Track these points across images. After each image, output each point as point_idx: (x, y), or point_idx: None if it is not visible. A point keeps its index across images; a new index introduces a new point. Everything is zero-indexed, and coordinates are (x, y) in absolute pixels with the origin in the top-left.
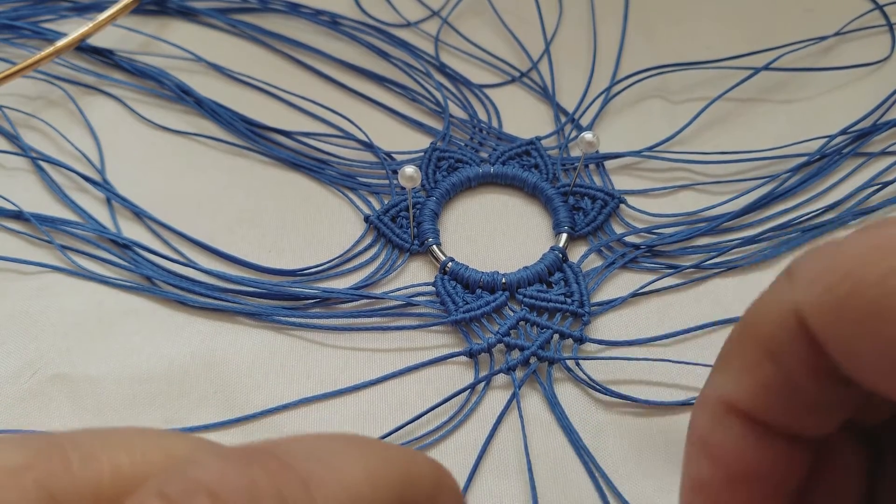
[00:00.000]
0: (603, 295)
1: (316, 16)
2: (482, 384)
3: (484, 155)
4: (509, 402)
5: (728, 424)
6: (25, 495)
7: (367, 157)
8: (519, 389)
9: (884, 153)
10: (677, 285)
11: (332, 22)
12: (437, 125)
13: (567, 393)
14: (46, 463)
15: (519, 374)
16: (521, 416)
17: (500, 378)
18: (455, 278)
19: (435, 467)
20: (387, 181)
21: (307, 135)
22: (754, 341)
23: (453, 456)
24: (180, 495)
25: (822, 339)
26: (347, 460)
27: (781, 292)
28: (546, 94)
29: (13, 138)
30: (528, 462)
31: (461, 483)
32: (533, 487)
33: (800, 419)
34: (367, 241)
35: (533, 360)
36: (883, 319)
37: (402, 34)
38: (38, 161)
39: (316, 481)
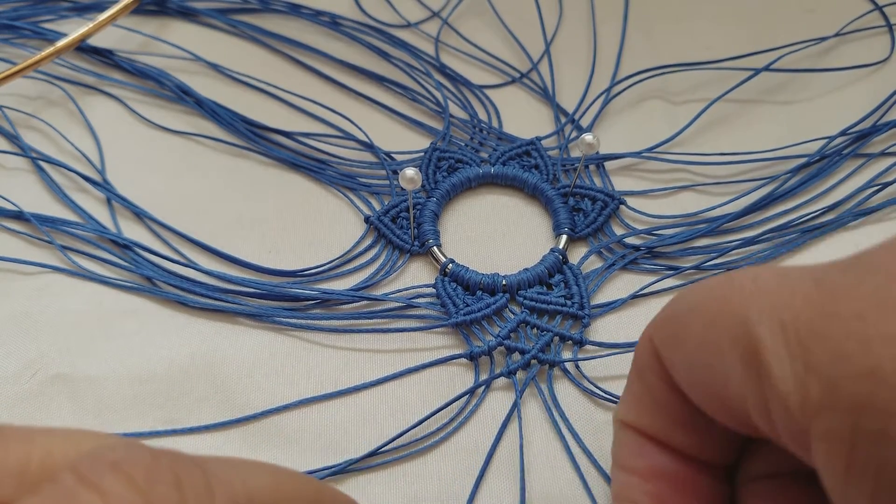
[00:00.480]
0: (603, 296)
1: (316, 16)
2: (482, 387)
3: (484, 155)
4: (512, 409)
5: (623, 438)
6: None
7: (368, 157)
8: (521, 396)
9: (884, 154)
10: (678, 286)
11: (333, 22)
12: (437, 125)
13: (567, 395)
14: None
15: (520, 376)
16: (519, 421)
17: (501, 380)
18: (455, 280)
19: (345, 500)
20: (387, 182)
21: (307, 135)
22: (633, 365)
23: (454, 458)
24: (89, 468)
25: (660, 353)
26: (258, 472)
27: (647, 326)
28: (546, 95)
29: (13, 138)
30: (522, 466)
31: (465, 486)
32: (522, 490)
33: (671, 435)
34: (368, 241)
35: (533, 362)
36: (682, 339)
37: (403, 35)
38: (38, 161)
39: (220, 477)
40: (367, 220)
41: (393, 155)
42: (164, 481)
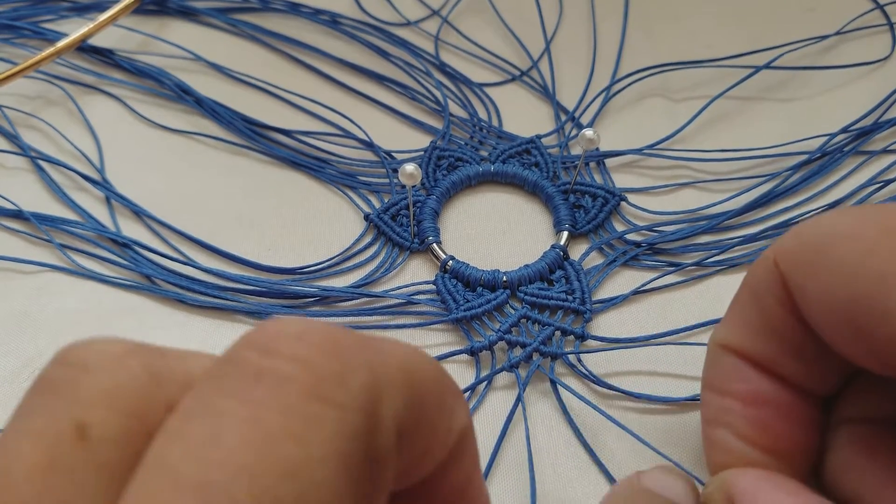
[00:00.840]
0: (604, 293)
1: (316, 15)
2: (484, 383)
3: (484, 153)
4: (515, 404)
5: (723, 361)
6: (134, 376)
7: (368, 155)
8: (524, 389)
9: (885, 151)
10: (678, 283)
11: (333, 21)
12: (437, 124)
13: (566, 394)
14: (147, 353)
15: (521, 371)
16: (524, 415)
17: (502, 375)
18: (456, 276)
19: (439, 370)
20: (387, 180)
21: (307, 134)
22: (745, 287)
23: None
24: (272, 341)
25: (787, 278)
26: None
27: (768, 250)
28: (546, 93)
29: (13, 138)
30: (531, 460)
31: None
32: (533, 485)
33: (780, 361)
34: (367, 239)
35: (535, 356)
36: (824, 267)
37: (403, 33)
38: (37, 160)
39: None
40: (366, 217)
41: (393, 153)
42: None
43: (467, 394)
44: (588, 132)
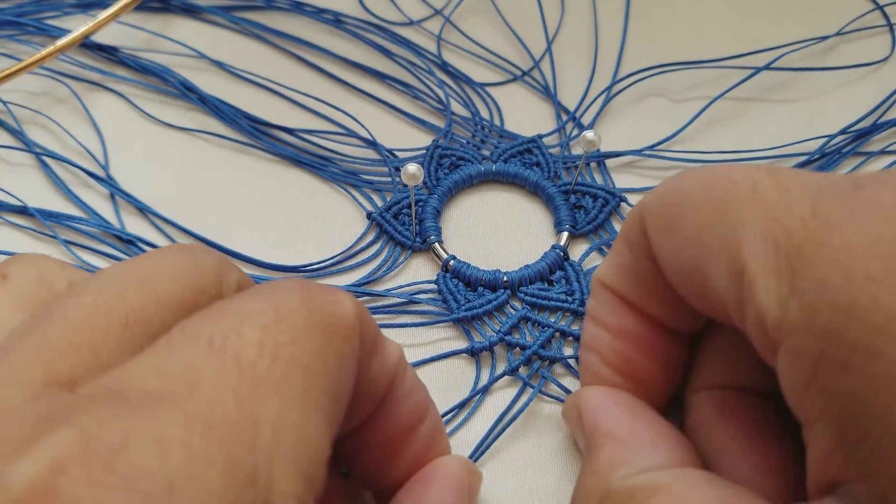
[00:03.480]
0: None
1: (319, 14)
2: (484, 383)
3: (486, 153)
4: (524, 405)
5: (600, 295)
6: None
7: (370, 154)
8: (522, 391)
9: (883, 152)
10: None
11: (336, 20)
12: (439, 123)
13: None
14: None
15: (521, 372)
16: (516, 413)
17: (498, 376)
18: (457, 276)
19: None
20: (389, 178)
21: (310, 132)
22: (620, 235)
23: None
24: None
25: (648, 233)
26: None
27: (640, 200)
28: (548, 93)
29: (18, 134)
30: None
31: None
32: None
33: (645, 302)
34: (370, 238)
35: (534, 359)
36: (672, 229)
37: (405, 32)
38: (42, 157)
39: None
40: (369, 216)
41: (395, 152)
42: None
43: (466, 392)
44: (589, 134)
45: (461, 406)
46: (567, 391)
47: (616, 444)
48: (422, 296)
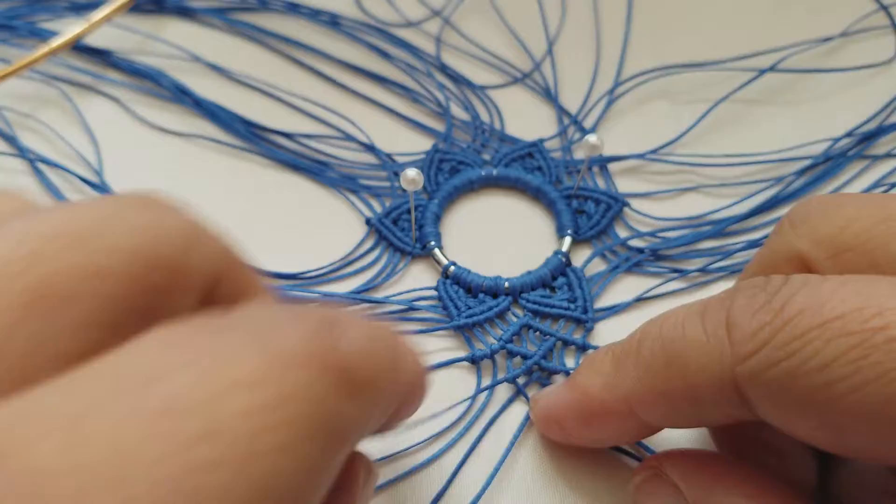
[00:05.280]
0: (607, 299)
1: (316, 15)
2: (485, 392)
3: (486, 157)
4: (525, 420)
5: (622, 416)
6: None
7: (369, 159)
8: (514, 397)
9: (889, 155)
10: (682, 289)
11: (333, 21)
12: (438, 127)
13: None
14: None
15: (522, 381)
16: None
17: (502, 385)
18: (457, 282)
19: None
20: (388, 183)
21: (307, 136)
22: (680, 381)
23: (453, 463)
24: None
25: (756, 405)
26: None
27: (718, 352)
28: (549, 96)
29: (10, 139)
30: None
31: (468, 494)
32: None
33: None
34: (369, 244)
35: (535, 369)
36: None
37: (404, 34)
38: (35, 162)
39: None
40: (367, 222)
41: (394, 157)
42: None
43: (467, 403)
44: (591, 138)
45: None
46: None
47: None
48: (422, 303)
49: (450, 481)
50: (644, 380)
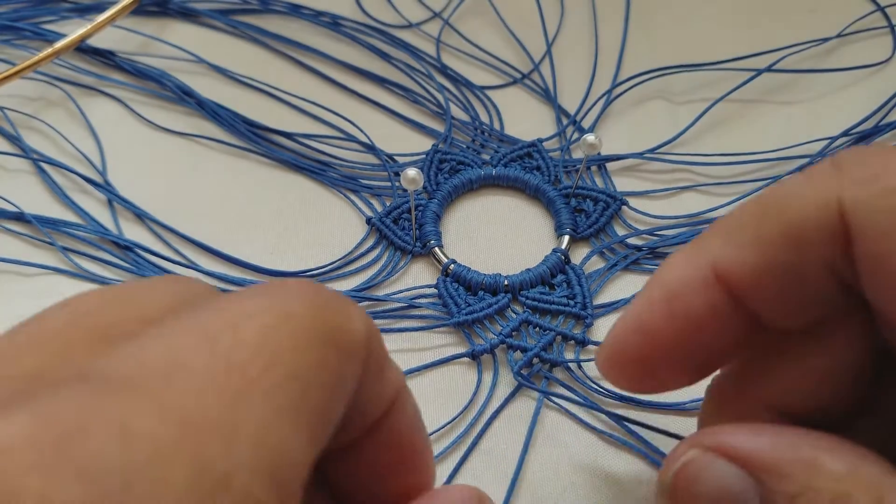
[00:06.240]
0: (606, 297)
1: (317, 17)
2: (488, 386)
3: (486, 157)
4: (536, 413)
5: (709, 292)
6: None
7: (369, 159)
8: (514, 388)
9: None
10: None
11: (334, 23)
12: (438, 127)
13: (569, 395)
14: None
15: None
16: (532, 424)
17: (502, 379)
18: (457, 280)
19: (367, 322)
20: (389, 183)
21: (309, 136)
22: (778, 221)
23: (454, 461)
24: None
25: (858, 238)
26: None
27: (824, 182)
28: (548, 96)
29: (15, 140)
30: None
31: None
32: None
33: (782, 311)
34: (369, 243)
35: (536, 361)
36: None
37: (404, 35)
38: (39, 163)
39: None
40: (368, 221)
41: (395, 157)
42: None
43: (470, 399)
44: (590, 137)
45: (464, 409)
46: (571, 390)
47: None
48: (422, 300)
49: (451, 477)
50: (732, 234)
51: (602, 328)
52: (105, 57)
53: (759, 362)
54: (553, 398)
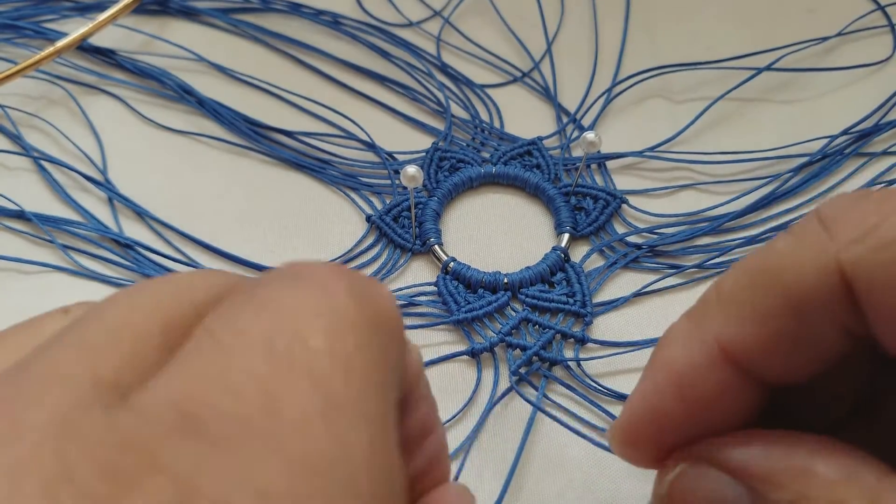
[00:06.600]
0: (605, 295)
1: (317, 15)
2: (488, 384)
3: (486, 155)
4: (533, 413)
5: (718, 371)
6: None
7: (369, 157)
8: (512, 386)
9: (885, 153)
10: (679, 285)
11: (334, 22)
12: (438, 125)
13: (568, 393)
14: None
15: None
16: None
17: (501, 378)
18: (457, 278)
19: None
20: (389, 181)
21: (309, 135)
22: (778, 292)
23: (456, 456)
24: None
25: (864, 294)
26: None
27: (817, 245)
28: (548, 94)
29: (15, 138)
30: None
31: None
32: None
33: (792, 373)
34: (369, 240)
35: (535, 360)
36: None
37: (404, 34)
38: (40, 161)
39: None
40: (368, 219)
41: (395, 155)
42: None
43: (470, 398)
44: (589, 135)
45: (465, 406)
46: (571, 389)
47: None
48: (422, 298)
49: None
50: (732, 309)
51: (601, 326)
52: (106, 56)
53: None
54: (547, 410)
